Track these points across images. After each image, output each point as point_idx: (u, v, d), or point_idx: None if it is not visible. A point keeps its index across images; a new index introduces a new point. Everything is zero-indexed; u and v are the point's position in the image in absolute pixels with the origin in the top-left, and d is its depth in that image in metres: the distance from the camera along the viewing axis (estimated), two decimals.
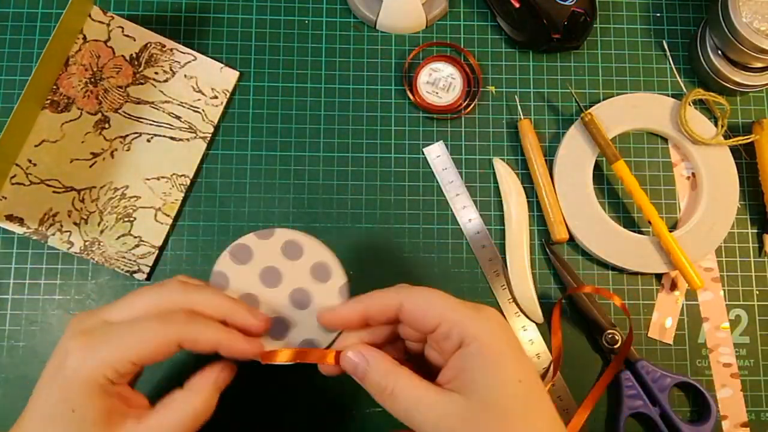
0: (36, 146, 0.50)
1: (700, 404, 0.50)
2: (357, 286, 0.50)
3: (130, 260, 0.50)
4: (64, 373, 0.33)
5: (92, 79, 0.51)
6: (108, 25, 0.52)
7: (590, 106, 0.53)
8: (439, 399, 0.32)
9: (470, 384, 0.32)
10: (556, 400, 0.49)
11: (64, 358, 0.33)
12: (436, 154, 0.53)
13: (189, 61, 0.52)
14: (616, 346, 0.50)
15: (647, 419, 0.49)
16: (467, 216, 0.52)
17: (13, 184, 0.49)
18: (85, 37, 0.52)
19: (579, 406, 0.49)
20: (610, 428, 0.49)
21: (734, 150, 0.53)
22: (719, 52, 0.52)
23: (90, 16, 0.52)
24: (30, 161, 0.50)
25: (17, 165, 0.50)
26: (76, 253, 0.49)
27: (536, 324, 0.51)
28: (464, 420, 0.31)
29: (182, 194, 0.51)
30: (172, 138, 0.51)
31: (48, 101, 0.50)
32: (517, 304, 0.50)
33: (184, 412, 0.34)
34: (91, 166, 0.50)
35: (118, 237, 0.50)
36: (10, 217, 0.49)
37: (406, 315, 0.34)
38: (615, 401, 0.49)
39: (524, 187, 0.52)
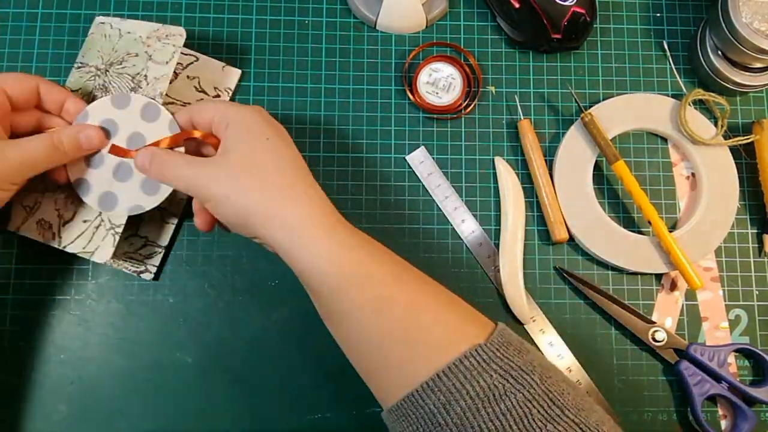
0: None
1: (754, 365, 0.51)
2: None
3: (137, 260, 0.50)
4: None
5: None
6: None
7: (590, 106, 0.53)
8: (207, 166, 0.40)
9: (226, 148, 0.40)
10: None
11: None
12: (419, 160, 0.53)
13: (191, 62, 0.52)
14: (663, 342, 0.50)
15: (717, 397, 0.50)
16: (460, 217, 0.52)
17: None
18: None
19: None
20: (688, 421, 0.49)
21: (734, 150, 0.53)
22: (719, 52, 0.52)
23: None
24: None
25: None
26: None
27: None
28: (227, 176, 0.39)
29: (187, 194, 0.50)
30: None
31: None
32: (506, 303, 0.50)
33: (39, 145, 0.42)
34: None
35: (125, 237, 0.50)
36: (7, 216, 0.49)
37: (198, 124, 0.43)
38: (684, 394, 0.50)
39: (524, 187, 0.52)
